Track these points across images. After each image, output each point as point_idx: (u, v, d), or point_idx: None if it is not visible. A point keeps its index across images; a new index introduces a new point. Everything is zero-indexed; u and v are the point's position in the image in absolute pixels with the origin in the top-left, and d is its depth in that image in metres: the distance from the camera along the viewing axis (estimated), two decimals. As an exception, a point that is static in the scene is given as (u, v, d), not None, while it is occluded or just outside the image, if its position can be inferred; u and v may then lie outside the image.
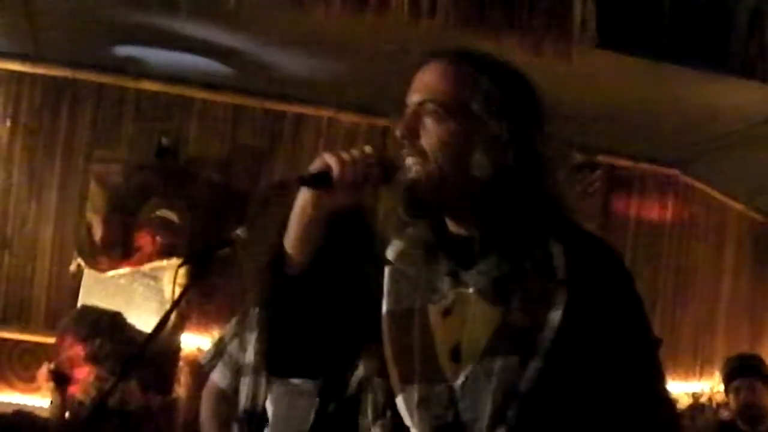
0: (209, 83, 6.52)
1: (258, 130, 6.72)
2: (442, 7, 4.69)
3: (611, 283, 1.91)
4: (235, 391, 3.69)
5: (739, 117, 5.91)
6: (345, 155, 1.89)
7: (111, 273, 5.96)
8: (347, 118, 6.82)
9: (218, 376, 3.78)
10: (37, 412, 5.86)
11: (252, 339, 3.59)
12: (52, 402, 5.71)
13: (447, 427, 1.87)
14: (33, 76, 6.43)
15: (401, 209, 1.95)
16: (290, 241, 1.95)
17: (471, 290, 1.89)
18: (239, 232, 3.17)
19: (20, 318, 6.35)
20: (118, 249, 5.96)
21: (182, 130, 6.53)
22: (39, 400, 6.03)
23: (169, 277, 5.88)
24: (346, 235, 2.01)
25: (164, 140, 6.31)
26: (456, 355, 1.87)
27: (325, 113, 6.78)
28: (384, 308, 1.98)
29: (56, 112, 6.48)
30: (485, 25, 4.78)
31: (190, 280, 3.31)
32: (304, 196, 1.92)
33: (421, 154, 1.93)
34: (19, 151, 6.41)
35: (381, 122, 6.80)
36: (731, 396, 5.48)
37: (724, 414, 6.28)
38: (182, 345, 6.22)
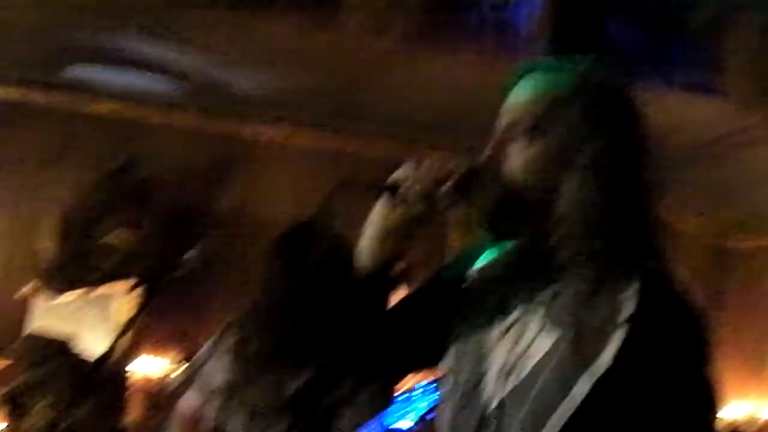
0: (163, 103, 6.49)
1: (213, 150, 6.72)
2: (396, 24, 4.69)
3: (676, 336, 1.79)
4: (206, 414, 3.67)
5: (688, 135, 5.94)
6: (423, 167, 1.84)
7: (62, 297, 5.90)
8: (302, 136, 6.82)
9: (189, 400, 3.74)
10: (-9, 438, 5.80)
11: (225, 362, 3.57)
12: (6, 427, 5.64)
13: None
14: (-17, 98, 6.39)
15: (483, 233, 1.91)
16: (363, 245, 1.94)
17: (535, 311, 1.83)
18: (192, 253, 3.15)
19: (-29, 344, 6.27)
20: (72, 271, 5.89)
21: (137, 151, 6.49)
22: (-8, 426, 5.95)
23: (121, 300, 5.84)
24: None
25: (118, 161, 6.27)
26: (501, 374, 1.82)
27: (281, 131, 6.78)
28: (454, 318, 1.96)
29: (8, 134, 6.42)
30: (439, 42, 4.80)
31: (144, 302, 3.28)
32: (379, 204, 1.90)
33: (506, 176, 1.84)
34: (-31, 174, 6.37)
35: (336, 140, 6.82)
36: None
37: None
38: (136, 368, 6.17)
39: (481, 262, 1.99)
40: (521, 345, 1.81)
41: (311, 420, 3.43)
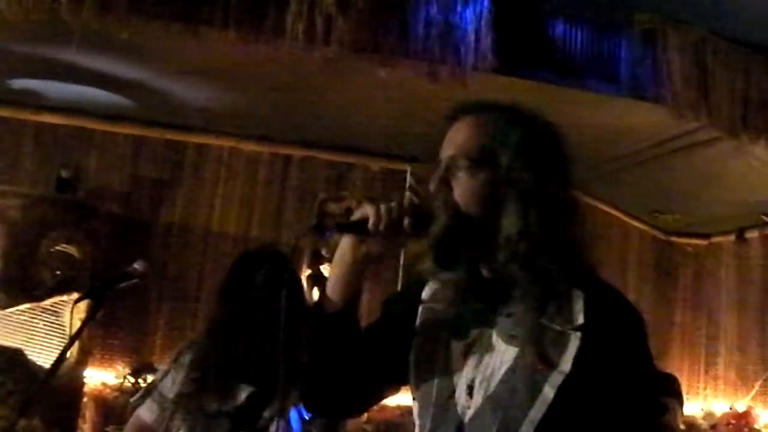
0: (109, 115, 6.47)
1: (159, 161, 6.71)
2: (337, 34, 4.70)
3: (623, 336, 1.98)
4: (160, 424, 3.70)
5: (635, 138, 6.03)
6: (383, 206, 1.95)
7: (11, 309, 5.85)
8: (248, 147, 6.83)
9: (145, 412, 3.77)
10: (-59, 454, 5.75)
11: (180, 377, 3.61)
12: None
13: None
14: (-72, 111, 6.32)
15: (431, 261, 2.02)
16: (330, 283, 2.04)
17: (492, 330, 1.97)
18: (137, 265, 3.15)
19: None
20: (17, 284, 5.85)
21: (82, 163, 6.46)
22: (-59, 441, 5.90)
23: (72, 311, 5.79)
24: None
25: (64, 173, 6.23)
26: (470, 390, 1.94)
27: (226, 143, 6.79)
28: (413, 342, 2.07)
29: (-47, 148, 6.38)
30: (380, 52, 4.81)
31: (90, 315, 3.28)
32: (344, 242, 2.01)
33: (453, 206, 1.98)
34: None
35: (282, 151, 6.83)
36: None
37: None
38: (86, 380, 6.15)
39: (431, 288, 2.11)
40: (485, 360, 1.95)
41: (250, 429, 3.47)
